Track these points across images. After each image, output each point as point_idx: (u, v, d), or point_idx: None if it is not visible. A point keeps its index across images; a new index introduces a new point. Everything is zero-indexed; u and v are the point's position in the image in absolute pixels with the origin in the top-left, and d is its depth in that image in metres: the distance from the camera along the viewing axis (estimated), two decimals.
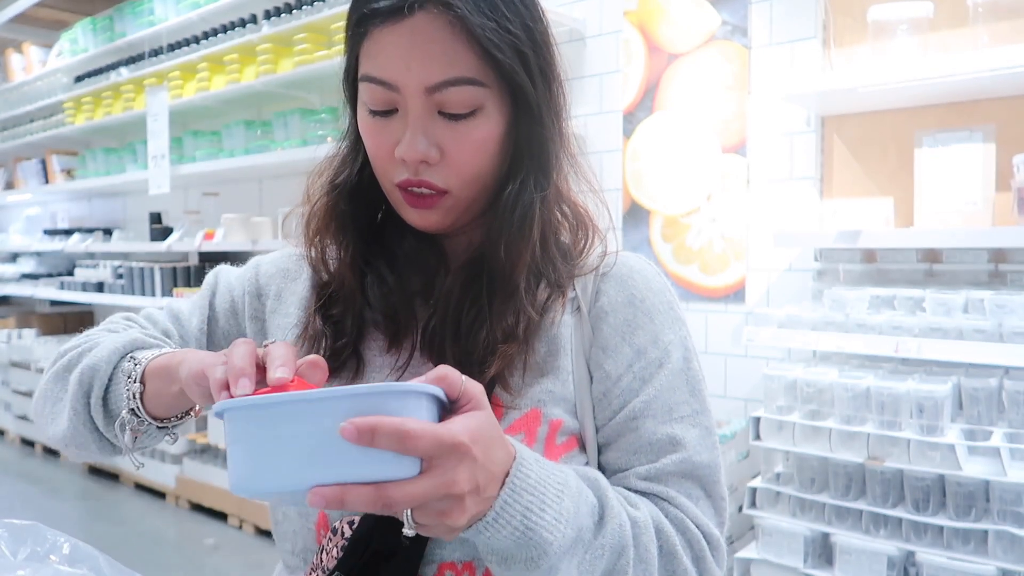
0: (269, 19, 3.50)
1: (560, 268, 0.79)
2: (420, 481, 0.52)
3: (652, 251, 2.75)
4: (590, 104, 2.90)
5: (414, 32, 0.68)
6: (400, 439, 0.50)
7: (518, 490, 0.59)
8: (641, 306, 0.79)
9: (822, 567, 2.00)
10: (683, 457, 0.74)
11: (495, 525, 0.58)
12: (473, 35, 0.68)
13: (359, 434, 0.50)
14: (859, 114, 2.33)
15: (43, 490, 4.41)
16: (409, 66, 0.69)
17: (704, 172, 2.64)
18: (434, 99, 0.70)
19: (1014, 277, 2.02)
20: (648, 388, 0.76)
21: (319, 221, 0.82)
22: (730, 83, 2.57)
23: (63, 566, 0.55)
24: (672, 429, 0.75)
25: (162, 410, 0.73)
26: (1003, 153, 1.94)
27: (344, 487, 0.51)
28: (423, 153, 0.71)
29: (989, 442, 1.79)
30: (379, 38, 0.70)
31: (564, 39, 2.91)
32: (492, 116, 0.73)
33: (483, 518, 0.58)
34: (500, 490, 0.58)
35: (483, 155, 0.74)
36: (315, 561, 0.76)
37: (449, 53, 0.68)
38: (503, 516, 0.58)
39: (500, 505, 0.58)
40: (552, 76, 0.76)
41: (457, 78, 0.69)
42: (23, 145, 5.51)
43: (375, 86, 0.71)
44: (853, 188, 2.35)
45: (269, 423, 0.53)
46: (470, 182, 0.74)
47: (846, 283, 2.24)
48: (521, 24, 0.72)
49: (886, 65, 2.00)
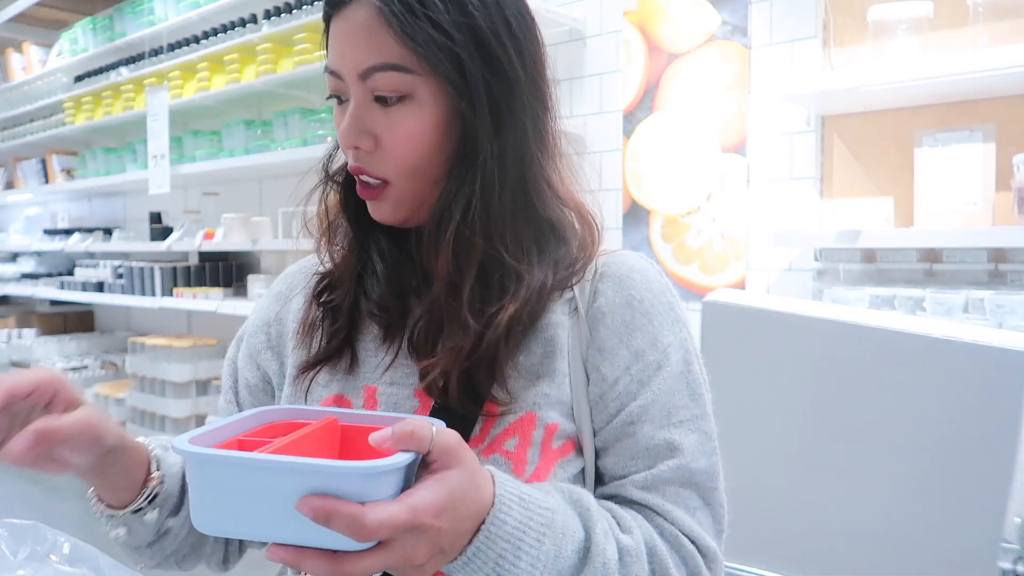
0: (269, 19, 3.50)
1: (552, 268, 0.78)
2: (376, 555, 0.52)
3: (652, 251, 2.75)
4: (590, 104, 2.90)
5: (348, 21, 0.72)
6: (356, 529, 0.50)
7: (492, 537, 0.58)
8: (639, 307, 0.77)
9: None
10: (680, 463, 0.73)
11: (465, 570, 0.59)
12: (396, 18, 0.69)
13: (314, 515, 0.50)
14: (859, 114, 2.33)
15: (43, 490, 4.41)
16: (344, 53, 0.72)
17: (704, 172, 2.64)
18: (367, 85, 0.72)
19: (1014, 277, 2.02)
20: (646, 392, 0.75)
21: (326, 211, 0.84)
22: (730, 83, 2.57)
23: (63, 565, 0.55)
24: (670, 434, 0.74)
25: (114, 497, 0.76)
26: (1003, 153, 1.94)
27: (300, 551, 0.52)
28: (355, 139, 0.73)
29: None
30: (331, 30, 0.75)
31: (564, 39, 2.91)
32: (425, 106, 0.72)
33: (454, 561, 0.58)
34: (474, 537, 0.58)
35: (417, 146, 0.73)
36: None
37: (375, 39, 0.70)
38: (474, 562, 0.58)
39: (473, 551, 0.58)
40: (505, 65, 0.73)
41: (383, 63, 0.70)
42: (23, 145, 5.51)
43: (328, 75, 0.75)
44: (853, 188, 2.35)
45: (232, 476, 0.53)
46: (407, 173, 0.74)
47: (846, 283, 2.24)
48: (458, 16, 0.70)
49: (886, 65, 2.00)
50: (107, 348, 5.42)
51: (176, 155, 4.01)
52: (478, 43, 0.71)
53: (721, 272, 2.62)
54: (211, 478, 0.54)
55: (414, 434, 0.55)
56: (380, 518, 0.51)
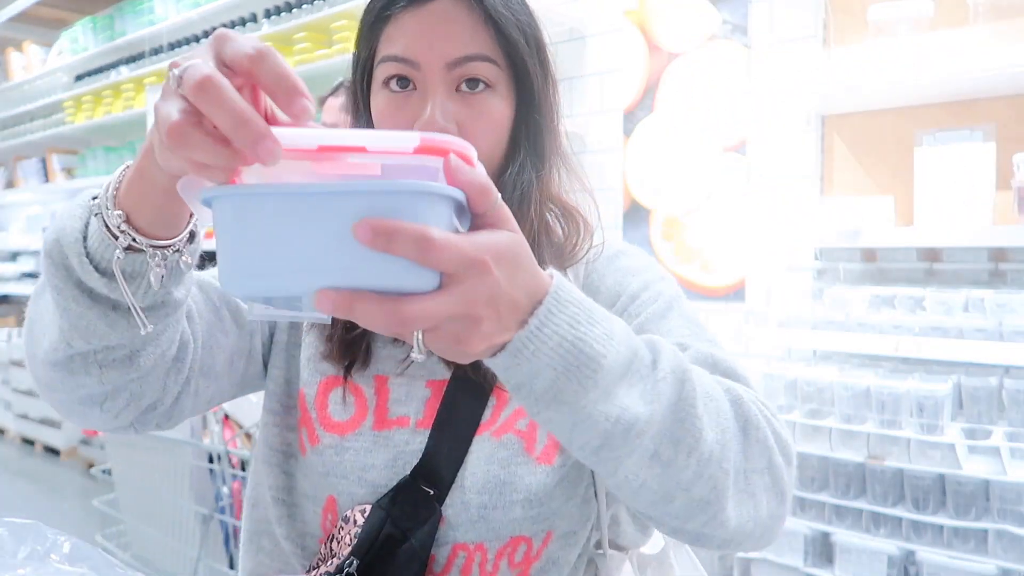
0: (269, 18, 3.50)
1: (548, 260, 0.80)
2: (437, 297, 0.46)
3: (652, 250, 2.75)
4: (590, 103, 2.90)
5: (435, 14, 0.74)
6: (421, 248, 0.44)
7: (563, 302, 0.52)
8: (628, 270, 0.83)
9: (822, 566, 2.00)
10: (699, 350, 0.71)
11: (538, 337, 0.51)
12: (490, 16, 0.74)
13: (375, 237, 0.43)
14: (859, 113, 2.33)
15: (43, 489, 4.41)
16: (432, 44, 0.73)
17: (704, 171, 2.64)
18: (453, 75, 0.74)
19: (1014, 276, 2.02)
20: (644, 317, 0.78)
21: None
22: (730, 82, 2.57)
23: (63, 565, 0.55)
24: (676, 340, 0.73)
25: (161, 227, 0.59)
26: (1003, 152, 1.94)
27: (355, 293, 0.44)
28: (443, 125, 0.73)
29: (989, 441, 1.79)
30: (402, 22, 0.75)
31: (564, 38, 2.91)
32: (503, 97, 0.77)
33: (524, 328, 0.51)
34: (536, 308, 0.51)
35: (495, 133, 0.77)
36: (323, 551, 0.77)
37: (468, 32, 0.74)
38: (547, 326, 0.51)
39: (544, 313, 0.51)
40: (549, 72, 0.81)
41: (476, 54, 0.74)
42: (23, 144, 5.52)
43: (399, 64, 0.74)
44: (853, 187, 2.35)
45: (270, 215, 0.45)
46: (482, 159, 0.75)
47: (846, 282, 2.24)
48: (527, 19, 0.78)
49: (886, 64, 2.00)
50: None
51: None
52: (538, 46, 0.79)
53: (721, 271, 2.62)
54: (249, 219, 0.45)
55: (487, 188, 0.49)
56: (447, 237, 0.45)
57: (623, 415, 0.54)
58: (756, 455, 0.62)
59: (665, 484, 0.57)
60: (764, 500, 0.63)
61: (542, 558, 0.76)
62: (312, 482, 0.79)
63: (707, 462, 0.58)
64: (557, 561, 0.77)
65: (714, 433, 0.58)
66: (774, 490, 0.64)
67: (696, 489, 0.58)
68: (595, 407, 0.53)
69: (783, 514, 0.65)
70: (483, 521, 0.73)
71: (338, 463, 0.77)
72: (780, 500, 0.64)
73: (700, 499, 0.58)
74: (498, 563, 0.74)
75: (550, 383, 0.52)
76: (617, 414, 0.53)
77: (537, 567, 0.76)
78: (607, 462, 0.56)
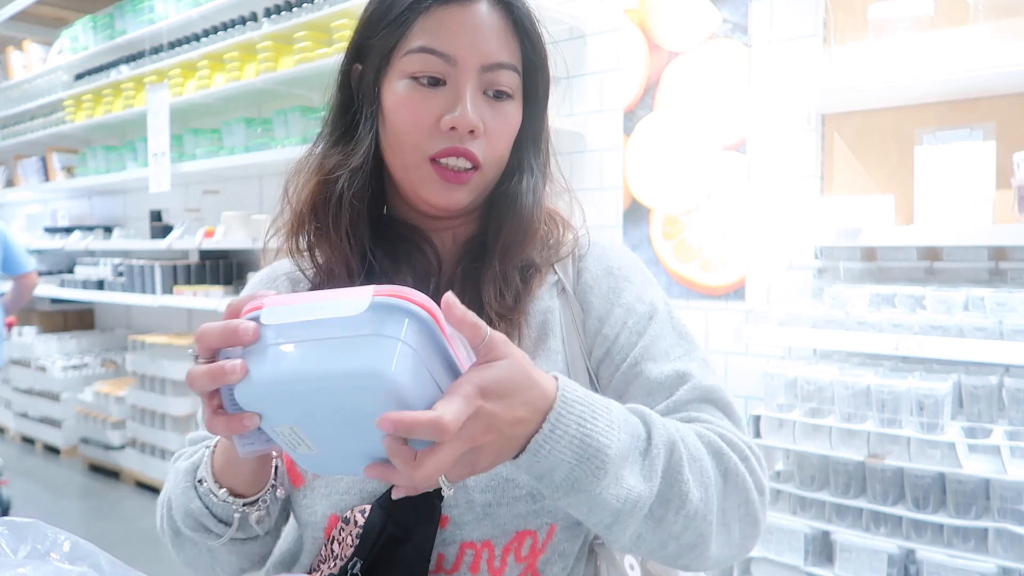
0: (269, 17, 3.50)
1: (541, 262, 0.85)
2: (441, 450, 0.53)
3: (652, 249, 2.75)
4: (590, 102, 2.90)
5: (479, 15, 0.77)
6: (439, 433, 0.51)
7: (569, 402, 0.61)
8: (619, 273, 0.86)
9: (822, 565, 2.00)
10: (694, 384, 0.78)
11: (552, 438, 0.60)
12: (518, 27, 0.79)
13: (395, 430, 0.51)
14: (860, 112, 2.32)
15: (43, 487, 4.41)
16: (473, 43, 0.76)
17: (704, 170, 2.63)
18: (484, 78, 0.77)
19: (1014, 275, 2.02)
20: (644, 337, 0.81)
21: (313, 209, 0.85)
22: (730, 81, 2.56)
23: (64, 563, 0.55)
24: (675, 365, 0.80)
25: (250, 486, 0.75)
26: (1003, 151, 1.94)
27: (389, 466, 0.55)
28: (475, 121, 0.76)
29: (989, 440, 1.79)
30: (442, 16, 0.76)
31: (564, 36, 2.91)
32: (518, 106, 0.82)
33: (538, 432, 0.59)
34: (548, 413, 0.60)
35: (510, 139, 0.82)
36: (323, 552, 0.77)
37: (503, 39, 0.78)
38: (559, 427, 0.60)
39: (555, 417, 0.60)
40: (549, 83, 0.86)
41: (507, 63, 0.78)
42: (23, 143, 5.51)
43: (434, 57, 0.76)
44: (853, 186, 2.35)
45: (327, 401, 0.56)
46: (498, 162, 0.82)
47: (846, 281, 2.24)
48: (539, 32, 0.83)
49: (887, 63, 2.00)
50: (107, 346, 5.43)
51: (176, 153, 4.01)
52: (545, 60, 0.84)
53: (721, 270, 2.62)
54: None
55: (478, 324, 0.57)
56: (453, 412, 0.52)
57: (629, 495, 0.63)
58: (734, 495, 0.71)
59: (659, 535, 0.67)
60: (737, 528, 0.72)
61: (548, 550, 0.77)
62: (311, 510, 0.80)
63: (693, 516, 0.67)
64: (563, 553, 0.78)
65: (699, 491, 0.68)
66: (748, 519, 0.73)
67: (685, 537, 0.68)
68: (607, 491, 0.62)
69: (756, 534, 0.75)
70: (488, 518, 0.75)
71: (336, 479, 0.78)
72: (753, 524, 0.74)
73: (688, 544, 0.68)
74: (506, 558, 0.75)
75: (567, 474, 0.61)
76: (625, 495, 0.63)
77: (543, 559, 0.77)
78: (616, 531, 0.65)
